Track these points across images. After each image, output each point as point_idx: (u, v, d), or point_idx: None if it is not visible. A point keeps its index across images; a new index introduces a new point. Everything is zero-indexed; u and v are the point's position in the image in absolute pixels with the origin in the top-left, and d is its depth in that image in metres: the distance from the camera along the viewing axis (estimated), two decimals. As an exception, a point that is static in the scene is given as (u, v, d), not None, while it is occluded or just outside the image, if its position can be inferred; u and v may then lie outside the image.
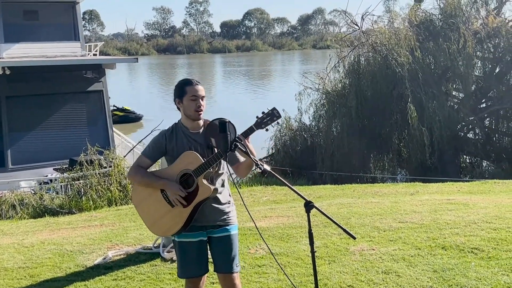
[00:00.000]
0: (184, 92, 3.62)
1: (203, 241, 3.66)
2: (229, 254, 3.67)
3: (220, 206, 3.65)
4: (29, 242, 6.87)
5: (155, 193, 3.63)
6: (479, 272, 4.89)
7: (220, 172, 3.66)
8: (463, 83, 17.99)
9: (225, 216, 3.67)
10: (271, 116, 3.48)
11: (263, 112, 3.50)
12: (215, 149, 3.52)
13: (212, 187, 3.53)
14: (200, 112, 3.61)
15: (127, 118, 32.72)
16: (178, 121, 3.73)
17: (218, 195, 3.63)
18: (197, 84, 3.63)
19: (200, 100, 3.61)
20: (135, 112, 33.59)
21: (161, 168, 3.76)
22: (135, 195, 3.78)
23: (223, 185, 3.71)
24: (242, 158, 3.64)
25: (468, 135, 19.38)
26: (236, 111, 27.71)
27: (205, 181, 3.52)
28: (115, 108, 32.96)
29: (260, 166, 3.33)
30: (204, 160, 3.50)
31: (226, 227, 3.68)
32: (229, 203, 3.73)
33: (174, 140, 3.65)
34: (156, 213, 3.64)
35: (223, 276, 3.68)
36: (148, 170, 3.71)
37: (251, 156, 3.41)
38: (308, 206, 3.20)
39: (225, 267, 3.66)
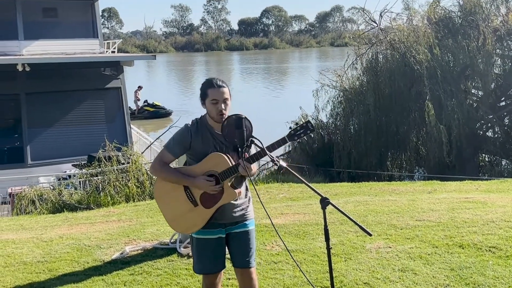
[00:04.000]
0: (206, 95, 3.57)
1: (221, 238, 3.65)
2: (248, 249, 3.67)
3: (239, 203, 3.64)
4: (48, 236, 6.94)
5: (178, 189, 3.59)
6: (496, 270, 4.85)
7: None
8: (482, 81, 17.76)
9: (243, 212, 3.67)
10: (305, 129, 3.47)
11: (296, 123, 3.51)
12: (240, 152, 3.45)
13: (237, 191, 3.50)
14: (222, 116, 3.53)
15: (157, 113, 33.10)
16: (202, 117, 3.65)
17: None
18: (220, 87, 3.54)
19: (222, 103, 3.53)
20: (165, 108, 33.92)
21: (187, 166, 3.70)
22: (157, 188, 3.73)
23: None
24: None
25: (487, 133, 19.14)
26: (253, 107, 27.70)
27: (230, 185, 3.49)
28: (146, 103, 33.37)
29: (276, 162, 3.32)
30: (232, 164, 3.46)
31: (245, 222, 3.68)
32: (246, 198, 3.71)
33: (200, 138, 3.58)
34: (177, 210, 3.60)
35: (241, 270, 3.69)
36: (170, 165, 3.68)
37: (268, 152, 3.37)
38: (324, 202, 3.20)
39: (244, 262, 3.66)
